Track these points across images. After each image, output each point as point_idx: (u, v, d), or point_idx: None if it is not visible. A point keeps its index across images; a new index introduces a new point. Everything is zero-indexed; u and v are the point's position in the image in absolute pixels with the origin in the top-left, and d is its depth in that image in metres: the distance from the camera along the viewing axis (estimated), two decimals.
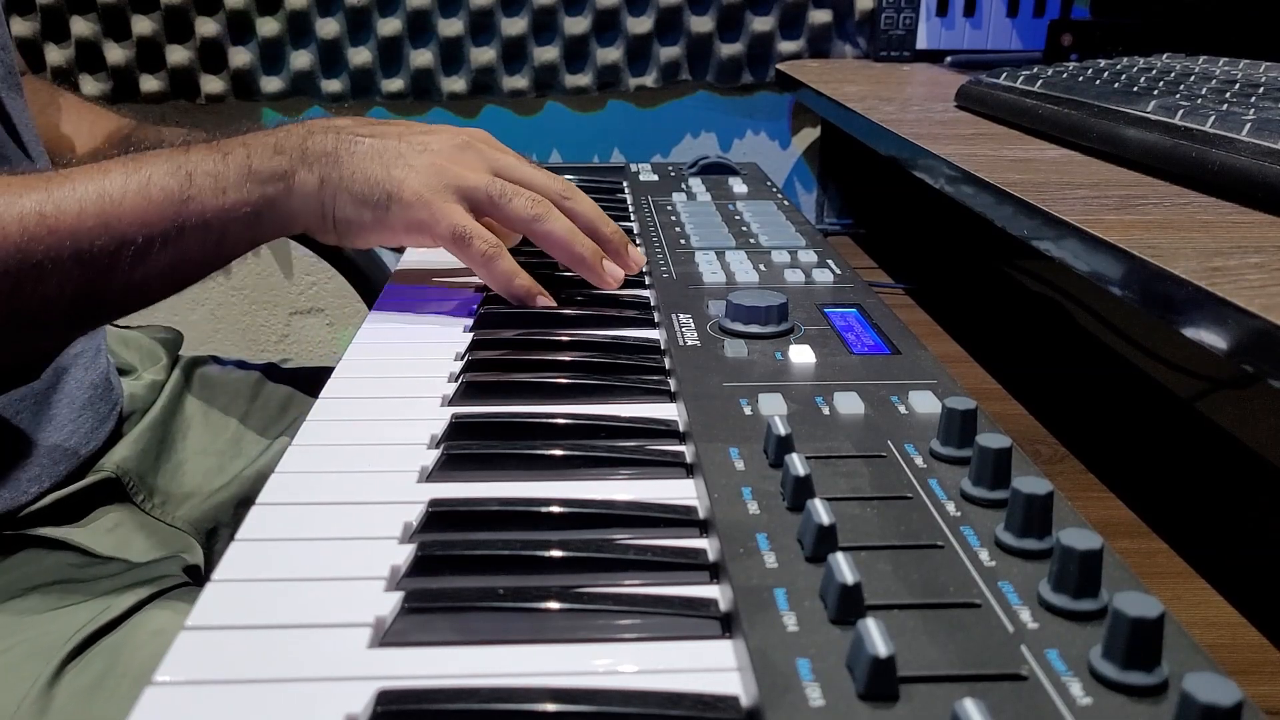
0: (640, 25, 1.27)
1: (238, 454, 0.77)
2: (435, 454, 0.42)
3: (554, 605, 0.32)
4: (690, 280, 0.63)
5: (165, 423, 0.75)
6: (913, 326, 0.56)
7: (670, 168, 0.99)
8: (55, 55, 1.26)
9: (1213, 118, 0.54)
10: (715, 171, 0.96)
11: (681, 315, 0.56)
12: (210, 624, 0.32)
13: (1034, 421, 0.65)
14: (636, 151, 1.36)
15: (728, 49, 1.28)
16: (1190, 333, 0.38)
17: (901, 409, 0.44)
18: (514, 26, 1.27)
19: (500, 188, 0.59)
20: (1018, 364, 0.73)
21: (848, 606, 0.29)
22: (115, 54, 1.26)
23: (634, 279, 0.66)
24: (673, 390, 0.49)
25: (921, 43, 1.23)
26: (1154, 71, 0.72)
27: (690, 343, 0.52)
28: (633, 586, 0.34)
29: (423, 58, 1.28)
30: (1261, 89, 0.62)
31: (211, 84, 1.28)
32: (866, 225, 1.22)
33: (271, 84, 1.29)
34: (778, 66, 1.27)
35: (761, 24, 1.27)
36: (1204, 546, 0.50)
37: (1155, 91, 0.64)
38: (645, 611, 0.33)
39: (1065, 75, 0.76)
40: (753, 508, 0.36)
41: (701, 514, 0.38)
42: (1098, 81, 0.71)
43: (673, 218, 0.79)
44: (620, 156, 1.37)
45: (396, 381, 0.51)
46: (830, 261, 0.66)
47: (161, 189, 0.52)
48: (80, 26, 1.25)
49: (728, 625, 0.32)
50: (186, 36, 1.26)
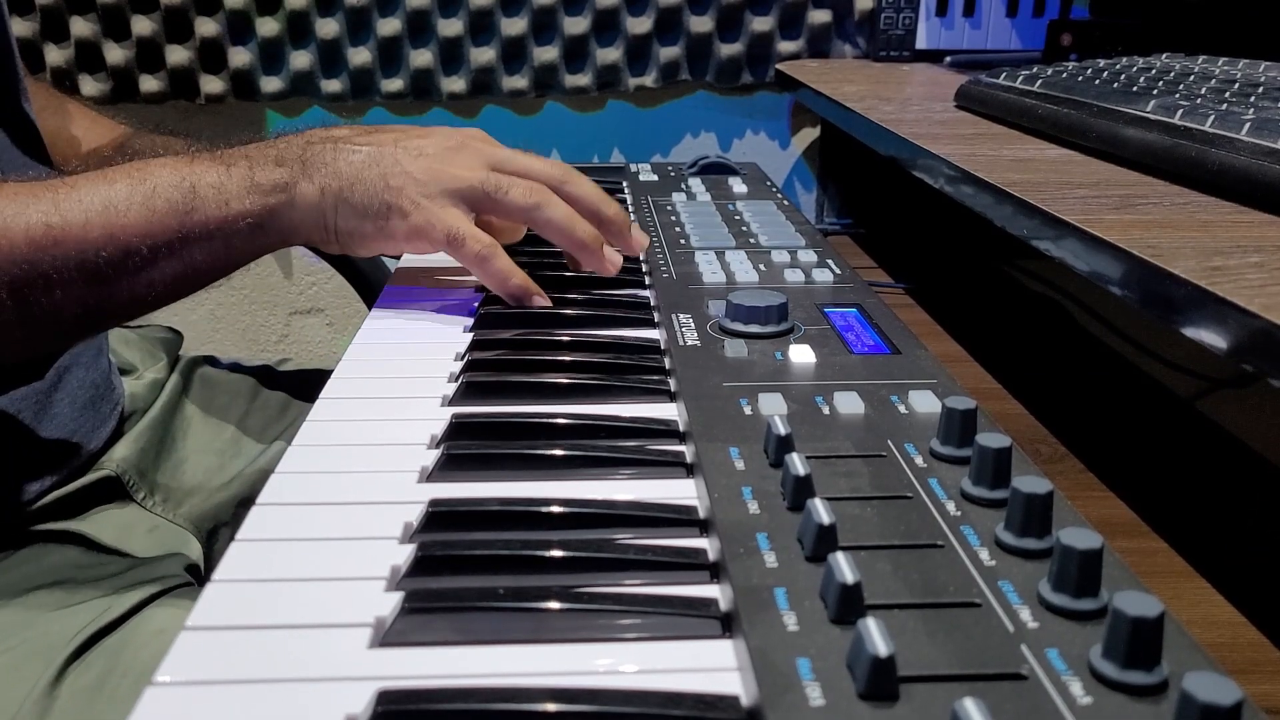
0: (640, 25, 1.27)
1: (237, 453, 0.77)
2: (435, 454, 0.42)
3: (554, 605, 0.32)
4: (690, 280, 0.63)
5: (165, 422, 0.75)
6: (913, 326, 0.56)
7: (670, 168, 0.99)
8: (55, 55, 1.26)
9: (1212, 117, 0.54)
10: (715, 171, 0.96)
11: (681, 315, 0.56)
12: (211, 624, 0.32)
13: (1034, 421, 0.65)
14: (636, 151, 1.36)
15: (727, 49, 1.28)
16: (1190, 332, 0.38)
17: (901, 409, 0.44)
18: (514, 26, 1.27)
19: (496, 181, 0.59)
20: (1018, 364, 0.73)
21: (848, 606, 0.29)
22: (115, 54, 1.26)
23: (634, 279, 0.66)
24: (673, 390, 0.49)
25: (921, 43, 1.23)
26: (1153, 71, 0.72)
27: (690, 342, 0.52)
28: (633, 586, 0.34)
29: (422, 58, 1.28)
30: (1261, 89, 0.62)
31: (211, 84, 1.28)
32: (866, 225, 1.22)
33: (271, 84, 1.29)
34: (777, 66, 1.27)
35: (761, 24, 1.27)
36: (1204, 546, 0.50)
37: (1155, 91, 0.64)
38: (645, 611, 0.33)
39: (1065, 75, 0.76)
40: (753, 507, 0.36)
41: (702, 514, 0.38)
42: (1097, 81, 0.71)
43: (672, 218, 0.79)
44: (620, 156, 1.37)
45: (396, 382, 0.52)
46: (830, 261, 0.66)
47: (166, 200, 0.53)
48: (80, 27, 1.25)
49: (728, 625, 0.32)
50: (186, 37, 1.26)
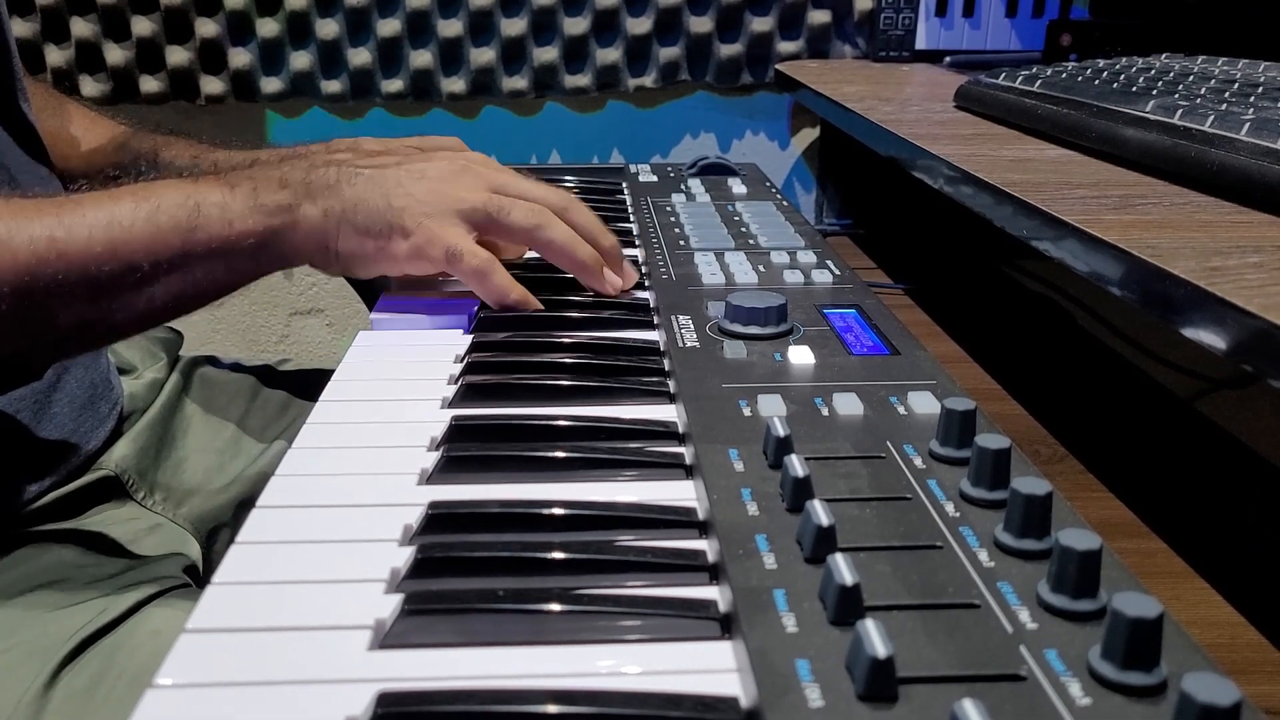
0: (639, 26, 1.27)
1: (237, 454, 0.77)
2: (435, 456, 0.42)
3: (554, 607, 0.33)
4: (689, 281, 0.63)
5: (165, 421, 0.75)
6: (912, 327, 0.56)
7: (669, 168, 0.99)
8: (55, 56, 1.26)
9: (1212, 117, 0.54)
10: (714, 172, 0.96)
11: (681, 316, 0.56)
12: (210, 627, 0.32)
13: (1033, 422, 0.65)
14: (636, 152, 1.36)
15: (727, 49, 1.28)
16: (1189, 332, 0.38)
17: (900, 410, 0.44)
18: (513, 27, 1.27)
19: (499, 203, 0.60)
20: (1017, 364, 0.73)
21: (847, 607, 0.29)
22: (115, 55, 1.26)
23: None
24: (672, 392, 0.49)
25: (920, 43, 1.23)
26: (1153, 71, 0.72)
27: (690, 344, 0.52)
28: (632, 588, 0.34)
29: (422, 58, 1.28)
30: (1260, 89, 0.62)
31: (211, 84, 1.28)
32: (865, 226, 1.22)
33: (271, 84, 1.29)
34: (777, 67, 1.27)
35: (761, 24, 1.27)
36: (1203, 546, 0.50)
37: (1154, 91, 0.64)
38: (645, 613, 0.33)
39: (1064, 75, 0.76)
40: (752, 509, 0.36)
41: (701, 515, 0.38)
42: (1097, 81, 0.71)
43: (672, 219, 0.79)
44: (620, 157, 1.37)
45: (396, 384, 0.52)
46: (829, 262, 0.66)
47: (170, 218, 0.53)
48: (80, 27, 1.25)
49: (727, 626, 0.32)
50: (186, 37, 1.26)
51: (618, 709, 0.28)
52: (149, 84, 1.28)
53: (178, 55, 1.26)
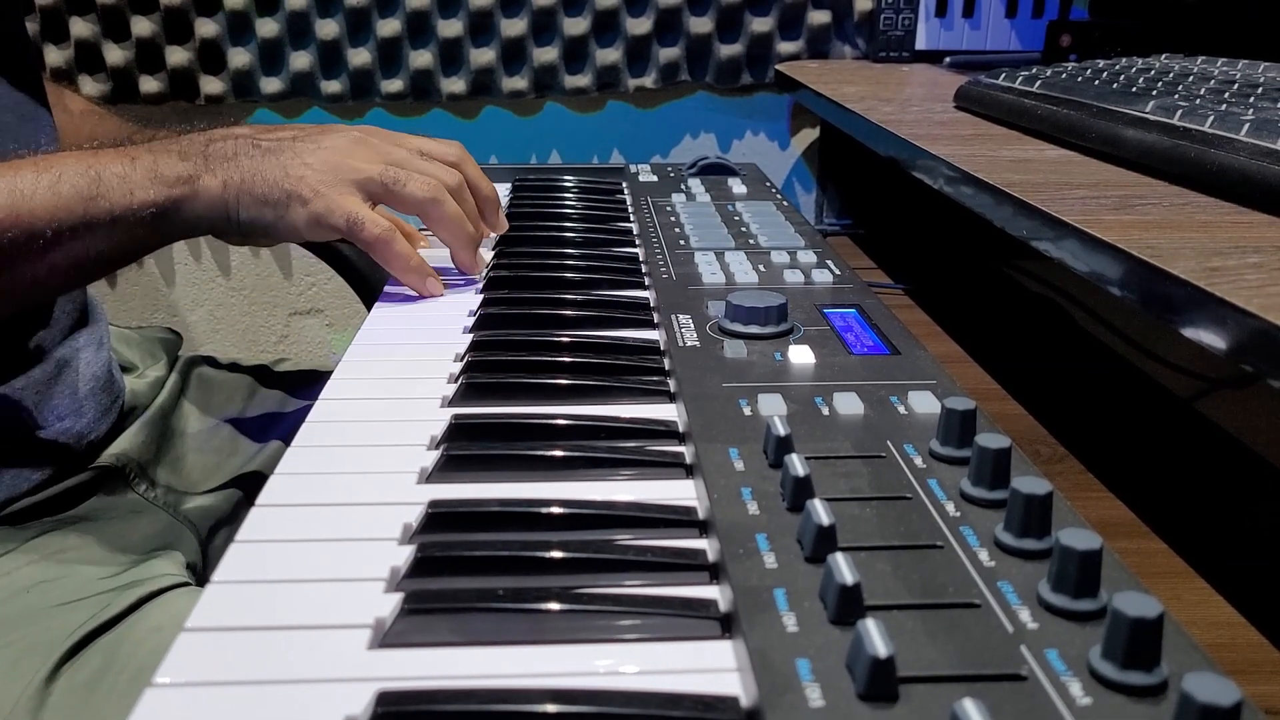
0: (639, 26, 1.27)
1: (235, 452, 0.77)
2: (435, 455, 0.42)
3: (554, 606, 0.32)
4: (690, 281, 0.63)
5: (164, 419, 0.76)
6: (912, 327, 0.56)
7: (669, 168, 0.99)
8: (55, 56, 1.26)
9: (1211, 118, 0.54)
10: (714, 172, 0.96)
11: (681, 316, 0.56)
12: (210, 625, 0.32)
13: (1033, 421, 0.65)
14: (636, 152, 1.36)
15: (727, 50, 1.28)
16: (1189, 333, 0.38)
17: (901, 409, 0.44)
18: (513, 27, 1.27)
19: (394, 174, 0.62)
20: (1017, 364, 0.73)
21: (847, 607, 0.29)
22: (115, 55, 1.26)
23: (634, 280, 0.66)
24: (672, 391, 0.49)
25: (920, 43, 1.23)
26: (1153, 72, 0.72)
27: (690, 343, 0.52)
28: (632, 587, 0.34)
29: (422, 58, 1.28)
30: (1260, 89, 0.62)
31: (211, 85, 1.28)
32: (865, 226, 1.22)
33: (271, 85, 1.29)
34: (777, 67, 1.27)
35: (761, 25, 1.27)
36: (1203, 546, 0.50)
37: (1154, 92, 0.64)
38: (645, 612, 0.33)
39: (1064, 76, 0.76)
40: (752, 508, 0.36)
41: (701, 515, 0.38)
42: (1096, 82, 0.71)
43: (672, 218, 0.79)
44: (620, 157, 1.37)
45: (396, 383, 0.52)
46: (829, 262, 0.66)
47: (72, 187, 0.54)
48: (80, 27, 1.25)
49: (727, 626, 0.32)
50: (186, 37, 1.26)
51: (617, 708, 0.28)
52: (149, 84, 1.28)
53: (177, 55, 1.26)
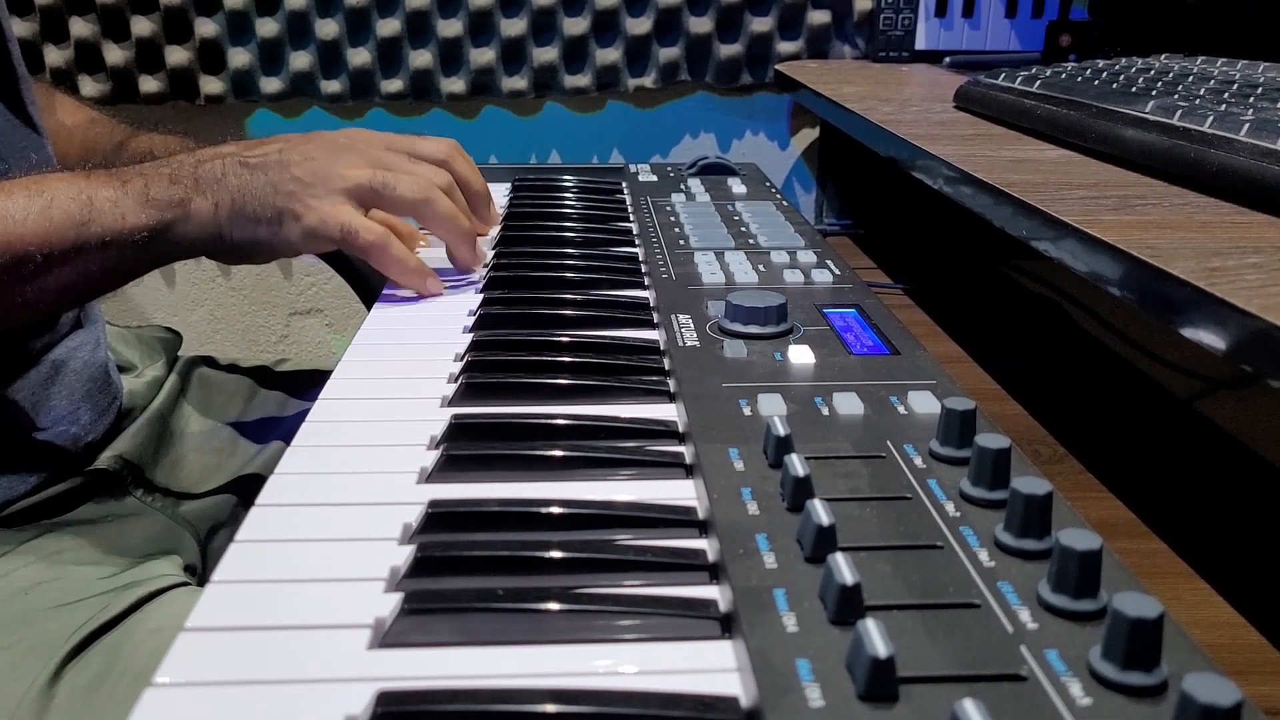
0: (639, 26, 1.27)
1: (234, 452, 0.77)
2: (435, 455, 0.42)
3: (553, 606, 0.32)
4: (689, 281, 0.63)
5: (163, 419, 0.75)
6: (912, 327, 0.56)
7: (669, 168, 0.99)
8: (54, 56, 1.26)
9: (1211, 118, 0.54)
10: (714, 172, 0.96)
11: (681, 316, 0.56)
12: (210, 625, 0.32)
13: (1033, 422, 0.65)
14: (636, 152, 1.36)
15: (727, 50, 1.28)
16: (1189, 333, 0.38)
17: (901, 409, 0.44)
18: (513, 27, 1.27)
19: (383, 178, 0.62)
20: (1017, 364, 0.73)
21: (847, 607, 0.29)
22: (114, 55, 1.26)
23: (633, 280, 0.66)
24: (672, 391, 0.49)
25: (920, 43, 1.23)
26: (1152, 72, 0.72)
27: (690, 343, 0.52)
28: (632, 587, 0.34)
29: (422, 58, 1.28)
30: (1260, 89, 0.62)
31: (211, 85, 1.28)
32: (865, 226, 1.22)
33: (271, 85, 1.29)
34: (777, 67, 1.27)
35: (760, 24, 1.27)
36: (1203, 546, 0.50)
37: (1154, 92, 0.64)
38: (645, 612, 0.33)
39: (1064, 76, 0.76)
40: (752, 508, 0.36)
41: (701, 515, 0.38)
42: (1096, 82, 0.71)
43: (672, 218, 0.79)
44: (619, 157, 1.37)
45: (396, 383, 0.51)
46: (829, 262, 0.66)
47: (63, 211, 0.54)
48: (79, 27, 1.25)
49: (727, 626, 0.32)
50: (186, 37, 1.26)
51: (617, 708, 0.28)
52: (148, 84, 1.27)
53: (177, 55, 1.26)
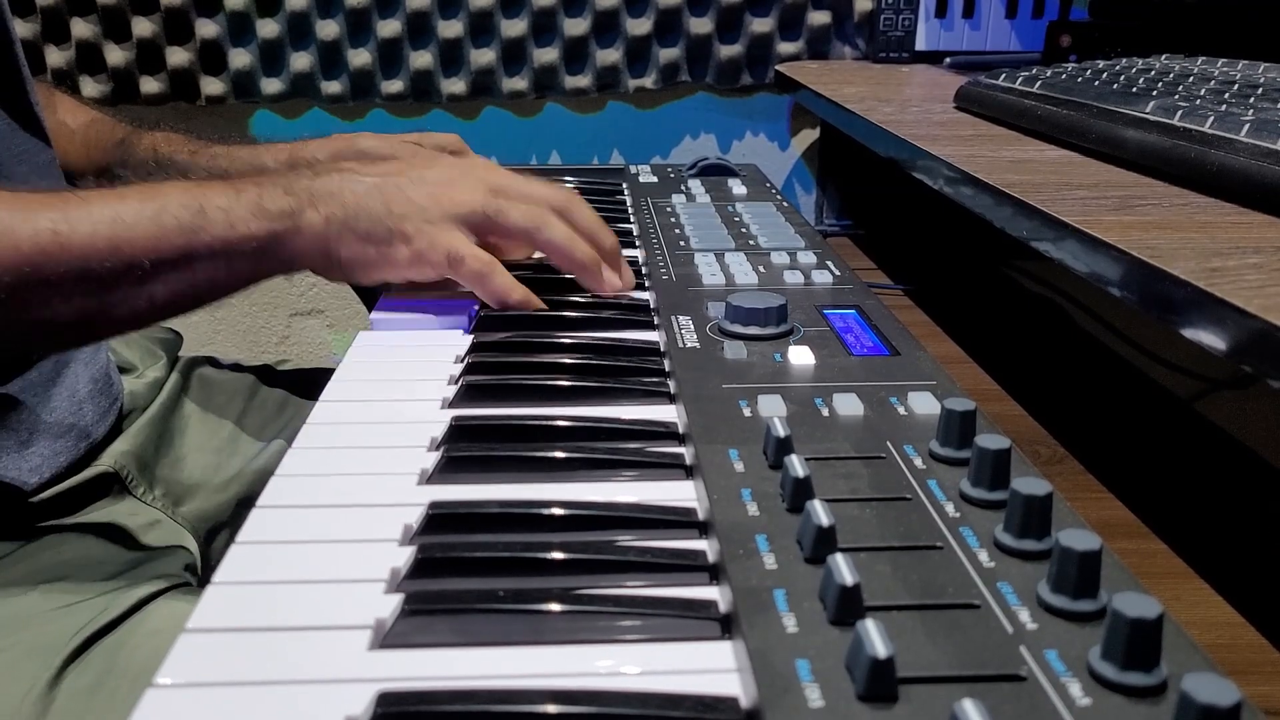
0: (640, 27, 1.27)
1: (235, 452, 0.77)
2: (435, 456, 0.42)
3: (554, 607, 0.33)
4: (689, 282, 0.63)
5: (164, 420, 0.75)
6: (912, 327, 0.56)
7: (669, 169, 0.99)
8: (55, 57, 1.26)
9: (1211, 118, 0.54)
10: (714, 173, 0.96)
11: (681, 317, 0.56)
12: (211, 626, 0.32)
13: (1033, 422, 0.65)
14: (636, 153, 1.36)
15: (727, 50, 1.28)
16: (1189, 333, 0.38)
17: (901, 410, 0.44)
18: (513, 28, 1.27)
19: (497, 205, 0.60)
20: (1017, 365, 0.73)
21: (847, 607, 0.29)
22: (115, 55, 1.26)
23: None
24: (672, 392, 0.49)
25: (920, 44, 1.23)
26: (1153, 72, 0.72)
27: (690, 344, 0.52)
28: (632, 588, 0.34)
29: (422, 59, 1.28)
30: (1260, 90, 0.62)
31: (211, 85, 1.28)
32: (865, 226, 1.22)
33: (271, 85, 1.29)
34: (777, 68, 1.27)
35: (761, 25, 1.27)
36: (1203, 547, 0.50)
37: (1154, 92, 0.64)
38: (645, 613, 0.33)
39: (1064, 76, 0.76)
40: (752, 509, 0.36)
41: (701, 515, 0.38)
42: (1096, 82, 0.71)
43: (672, 219, 0.79)
44: (620, 158, 1.37)
45: (396, 384, 0.52)
46: (829, 263, 0.66)
47: (175, 218, 0.54)
48: (80, 28, 1.25)
49: (727, 626, 0.32)
50: (186, 38, 1.26)
51: (618, 709, 0.28)
52: (149, 85, 1.28)
53: (178, 56, 1.27)
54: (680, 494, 0.40)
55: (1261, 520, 0.56)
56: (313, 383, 0.85)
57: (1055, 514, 0.34)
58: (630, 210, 0.85)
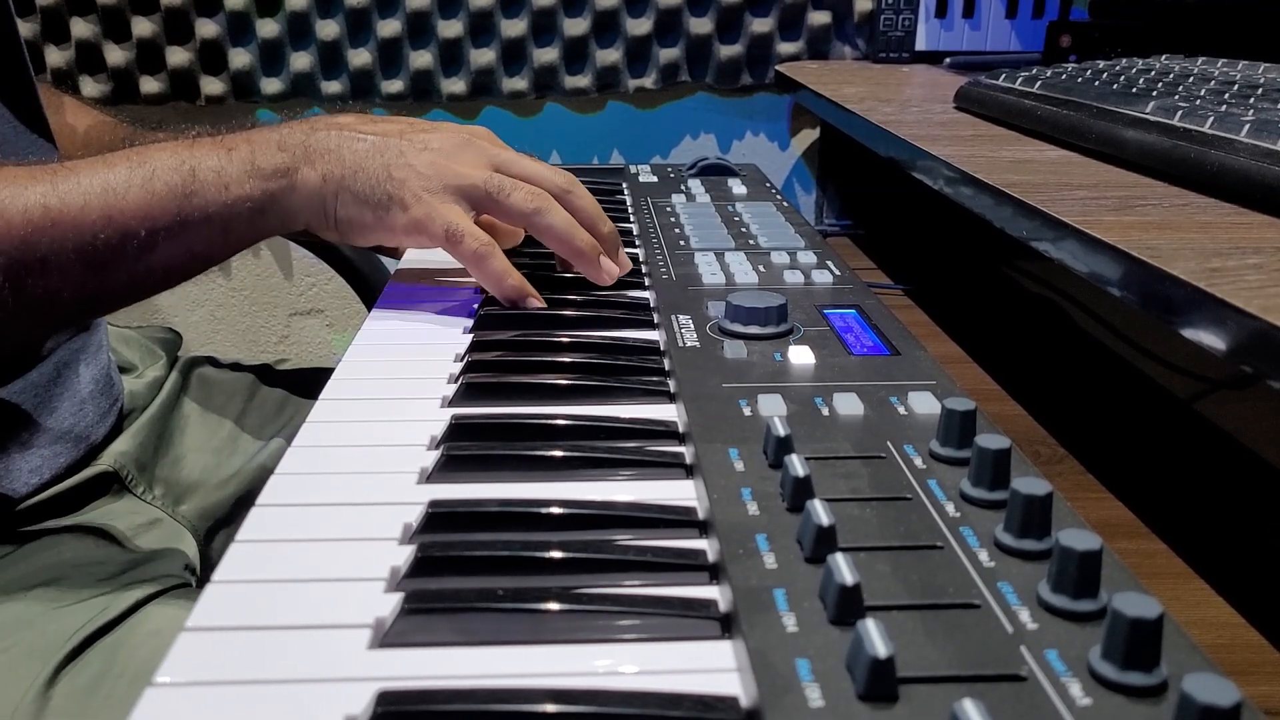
0: (640, 27, 1.27)
1: (235, 451, 0.77)
2: (435, 455, 0.42)
3: (554, 606, 0.32)
4: (690, 281, 0.63)
5: (164, 419, 0.75)
6: (912, 327, 0.56)
7: (670, 169, 0.99)
8: (55, 57, 1.26)
9: (1211, 119, 0.54)
10: (714, 173, 0.96)
11: (681, 316, 0.56)
12: (210, 625, 0.32)
13: (1033, 422, 0.65)
14: (636, 153, 1.36)
15: (727, 50, 1.28)
16: (1189, 333, 0.38)
17: (901, 410, 0.44)
18: (514, 28, 1.27)
19: (499, 183, 0.59)
20: (1017, 365, 0.73)
21: (847, 607, 0.29)
22: (115, 55, 1.26)
23: (633, 280, 0.66)
24: (672, 391, 0.49)
25: (920, 44, 1.23)
26: (1153, 72, 0.72)
27: (690, 344, 0.52)
28: (632, 587, 0.34)
29: (422, 59, 1.28)
30: (1260, 90, 0.62)
31: (211, 85, 1.28)
32: (865, 226, 1.22)
33: (271, 85, 1.29)
34: (777, 68, 1.27)
35: (761, 25, 1.27)
36: (1203, 547, 0.50)
37: (1154, 92, 0.64)
38: (645, 612, 0.33)
39: (1064, 76, 0.76)
40: (752, 508, 0.36)
41: (701, 515, 0.38)
42: (1096, 83, 0.71)
43: (672, 219, 0.79)
44: (620, 158, 1.37)
45: (396, 383, 0.52)
46: (829, 262, 0.66)
47: (165, 183, 0.52)
48: (80, 28, 1.25)
49: (727, 626, 0.32)
50: (186, 38, 1.27)
51: (617, 708, 0.28)
52: (149, 84, 1.28)
53: (178, 56, 1.27)
54: (680, 493, 0.40)
55: (1261, 520, 0.56)
56: (312, 382, 0.85)
57: (1055, 514, 0.34)
58: (630, 210, 0.85)
